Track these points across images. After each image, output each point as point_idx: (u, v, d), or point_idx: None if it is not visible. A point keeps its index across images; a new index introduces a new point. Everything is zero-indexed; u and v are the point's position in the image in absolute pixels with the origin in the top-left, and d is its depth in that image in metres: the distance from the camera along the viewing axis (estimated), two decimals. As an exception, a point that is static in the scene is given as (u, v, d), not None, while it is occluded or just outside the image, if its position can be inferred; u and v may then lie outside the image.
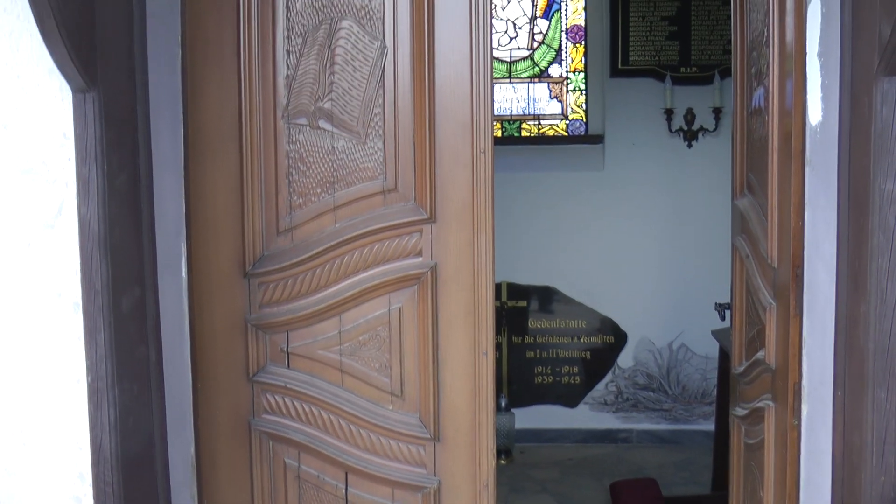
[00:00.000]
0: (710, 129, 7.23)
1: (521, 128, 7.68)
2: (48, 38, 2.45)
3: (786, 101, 3.14)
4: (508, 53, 7.67)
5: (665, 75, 7.26)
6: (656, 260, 7.43)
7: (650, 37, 7.36)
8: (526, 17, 7.68)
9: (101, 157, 2.65)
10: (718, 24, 7.25)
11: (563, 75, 7.67)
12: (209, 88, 3.20)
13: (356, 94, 3.16)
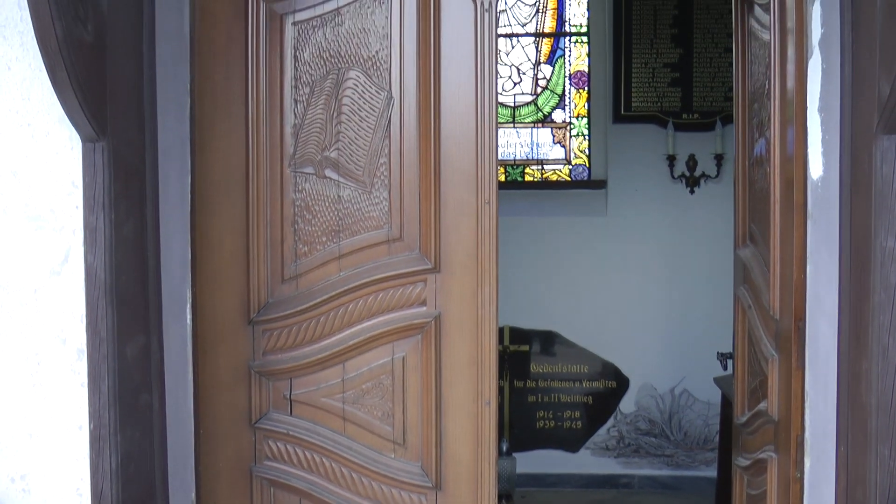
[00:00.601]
0: (711, 176, 7.26)
1: (525, 172, 7.72)
2: (60, 89, 2.49)
3: (787, 155, 3.17)
4: (512, 98, 7.73)
5: (667, 121, 7.31)
6: (658, 305, 7.43)
7: (653, 83, 7.42)
8: (530, 63, 7.75)
9: (109, 206, 2.67)
10: (720, 72, 7.31)
11: (567, 120, 7.72)
12: (217, 137, 3.24)
13: (362, 143, 3.19)
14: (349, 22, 3.20)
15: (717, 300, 6.47)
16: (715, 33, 7.35)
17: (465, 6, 3.14)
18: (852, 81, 2.67)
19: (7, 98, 2.76)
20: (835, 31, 2.80)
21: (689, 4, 7.37)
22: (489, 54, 3.13)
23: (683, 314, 7.36)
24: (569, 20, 7.74)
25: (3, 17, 2.75)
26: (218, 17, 3.24)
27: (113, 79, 2.65)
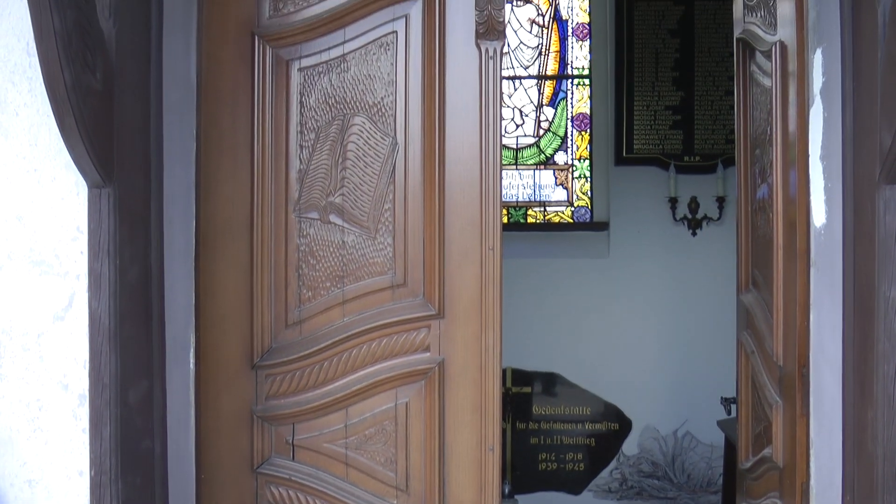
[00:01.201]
0: (713, 218, 7.28)
1: (527, 214, 7.73)
2: (67, 136, 2.50)
3: (790, 201, 3.18)
4: (515, 140, 7.76)
5: (669, 164, 7.34)
6: (661, 347, 7.42)
7: (654, 125, 7.46)
8: (532, 105, 7.80)
9: (114, 252, 2.68)
10: (721, 114, 7.35)
11: (569, 162, 7.75)
12: (222, 181, 3.25)
13: (367, 189, 3.21)
14: (355, 68, 3.23)
15: (720, 342, 6.46)
16: (716, 76, 7.40)
17: (470, 53, 3.17)
18: (854, 130, 2.68)
19: (14, 143, 2.78)
20: (836, 80, 2.81)
21: (691, 48, 7.42)
22: (493, 101, 3.16)
23: (686, 356, 7.34)
24: (571, 63, 7.80)
25: (13, 64, 2.77)
26: (224, 62, 3.27)
27: (120, 125, 2.67)
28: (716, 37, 7.38)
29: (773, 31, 3.46)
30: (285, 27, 3.25)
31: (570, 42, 7.82)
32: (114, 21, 2.65)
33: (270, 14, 3.27)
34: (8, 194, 2.79)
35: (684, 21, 7.49)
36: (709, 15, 7.46)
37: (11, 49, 2.77)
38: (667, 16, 7.51)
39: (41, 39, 2.36)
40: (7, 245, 2.79)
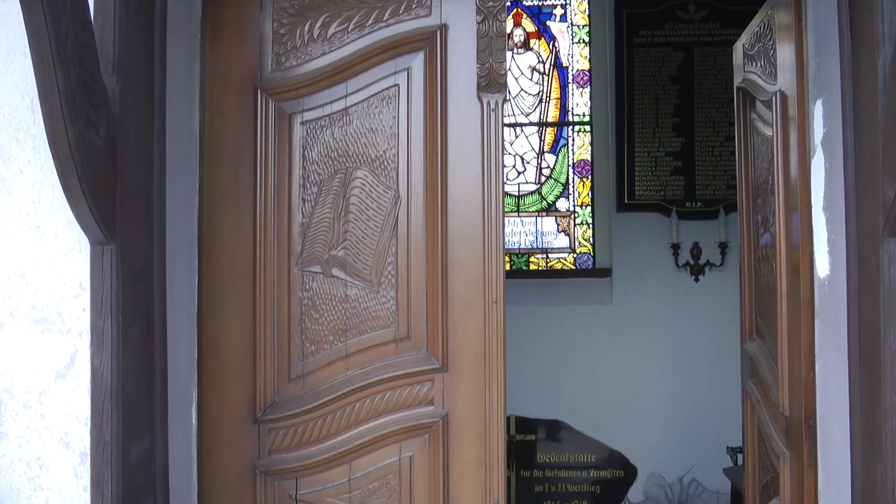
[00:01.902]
0: (716, 264, 7.28)
1: (529, 261, 7.73)
2: (70, 194, 2.50)
3: (793, 252, 3.18)
4: (517, 188, 7.78)
5: (671, 210, 7.35)
6: (665, 394, 7.38)
7: (655, 171, 7.48)
8: (534, 152, 7.83)
9: (117, 309, 2.67)
10: (722, 160, 7.37)
11: (571, 209, 7.77)
12: (225, 235, 3.25)
13: (370, 242, 3.20)
14: (357, 121, 3.24)
15: (724, 388, 6.43)
16: (716, 122, 7.43)
17: (471, 106, 3.18)
18: (856, 182, 2.68)
19: (18, 201, 2.77)
20: (837, 131, 2.82)
21: (691, 94, 7.47)
22: (496, 154, 3.17)
23: (690, 402, 7.30)
24: (572, 109, 7.84)
25: (17, 121, 2.78)
26: (227, 116, 3.28)
27: (123, 182, 2.67)
28: (715, 83, 7.42)
29: (773, 81, 3.47)
30: (288, 80, 3.27)
31: (570, 89, 7.87)
32: (117, 77, 2.66)
33: (273, 67, 3.29)
34: (11, 251, 2.78)
35: (684, 67, 7.54)
36: (708, 61, 7.51)
37: (16, 106, 2.78)
38: (667, 62, 7.56)
39: (45, 97, 2.36)
40: (9, 302, 2.77)
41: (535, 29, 7.95)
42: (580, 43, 7.87)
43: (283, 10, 3.29)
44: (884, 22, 2.40)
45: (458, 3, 3.22)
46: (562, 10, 7.98)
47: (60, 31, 2.30)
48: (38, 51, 2.30)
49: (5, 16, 2.79)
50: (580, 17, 7.93)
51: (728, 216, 7.13)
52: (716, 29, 7.58)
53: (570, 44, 7.93)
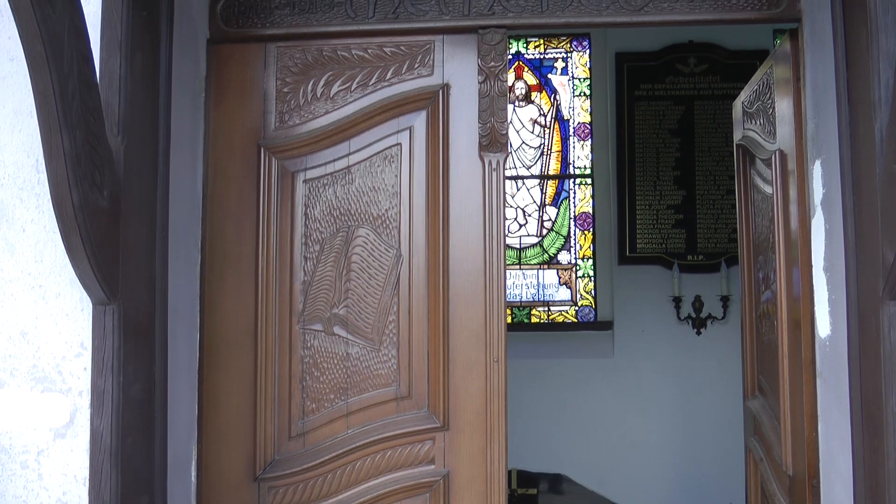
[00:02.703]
0: (718, 317, 7.26)
1: (531, 314, 7.72)
2: (73, 255, 2.50)
3: (794, 312, 3.18)
4: (518, 240, 7.79)
5: (672, 263, 7.35)
6: (668, 448, 7.32)
7: (657, 225, 7.48)
8: (535, 205, 7.85)
9: (118, 369, 2.67)
10: (723, 213, 7.38)
11: (572, 262, 7.77)
12: (227, 293, 3.26)
13: (371, 301, 3.21)
14: (359, 180, 3.26)
15: (727, 443, 6.40)
16: (717, 175, 7.45)
17: (473, 165, 3.20)
18: (856, 244, 2.69)
19: (21, 260, 2.78)
20: (836, 192, 2.83)
21: (691, 147, 7.50)
22: (497, 213, 3.18)
23: (693, 457, 7.24)
24: (573, 162, 7.87)
25: (22, 180, 2.79)
26: (231, 174, 3.30)
27: (126, 242, 2.68)
28: (716, 136, 7.46)
29: (772, 140, 3.50)
30: (291, 139, 3.30)
31: (571, 142, 7.91)
32: (122, 138, 2.68)
33: (276, 126, 3.32)
34: (12, 311, 2.78)
35: (684, 120, 7.57)
36: (708, 115, 7.55)
37: (21, 166, 2.79)
38: (667, 115, 7.60)
39: (50, 160, 2.38)
40: (10, 362, 2.77)
41: (537, 82, 8.00)
42: (581, 96, 7.92)
43: (286, 68, 3.33)
44: (880, 86, 2.42)
45: (459, 63, 3.26)
46: (563, 64, 8.04)
47: (67, 93, 2.33)
48: (45, 114, 2.32)
49: (12, 76, 2.81)
50: (581, 71, 7.99)
51: (730, 269, 7.13)
52: (716, 82, 7.62)
53: (571, 97, 7.98)
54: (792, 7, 3.18)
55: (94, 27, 2.71)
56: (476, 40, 3.24)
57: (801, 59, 3.20)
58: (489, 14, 3.23)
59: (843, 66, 2.79)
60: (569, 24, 3.27)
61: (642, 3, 3.21)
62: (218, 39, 3.36)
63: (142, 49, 2.82)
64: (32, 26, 2.21)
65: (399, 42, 3.29)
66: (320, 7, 3.32)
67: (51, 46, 2.25)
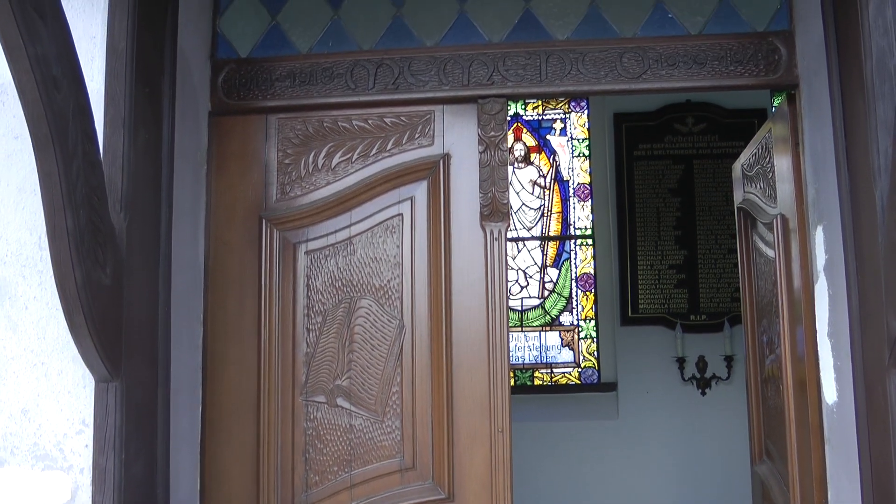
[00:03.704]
0: (723, 378, 7.23)
1: (534, 376, 7.69)
2: (76, 333, 2.50)
3: (800, 377, 3.16)
4: (520, 302, 7.78)
5: (675, 323, 7.33)
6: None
7: (659, 285, 7.48)
8: (536, 266, 7.85)
9: (120, 446, 2.64)
10: (725, 273, 7.37)
11: (575, 323, 7.75)
12: (229, 365, 3.25)
13: (374, 372, 3.19)
14: (361, 251, 3.26)
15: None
16: (718, 234, 7.46)
17: (475, 235, 3.21)
18: (860, 311, 2.68)
19: (23, 337, 2.77)
20: (839, 258, 2.83)
21: (691, 206, 7.52)
22: (500, 282, 3.18)
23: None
24: (574, 223, 7.89)
25: (24, 257, 2.79)
26: (232, 245, 3.31)
27: (129, 318, 2.67)
28: (716, 195, 7.48)
29: (773, 204, 3.50)
30: (292, 210, 3.31)
31: (572, 202, 7.94)
32: (125, 215, 2.69)
33: (278, 197, 3.33)
34: (14, 388, 2.76)
35: (684, 180, 7.60)
36: (708, 174, 7.58)
37: (24, 243, 2.80)
38: (666, 175, 7.63)
39: (54, 239, 2.38)
40: (10, 440, 2.75)
41: (536, 143, 8.06)
42: (580, 156, 7.97)
43: (287, 139, 3.35)
44: (879, 154, 2.43)
45: (460, 133, 3.28)
46: (561, 125, 8.09)
47: (71, 173, 2.34)
48: (49, 194, 2.33)
49: (17, 153, 2.83)
50: (580, 131, 8.04)
51: (733, 329, 7.10)
52: (714, 141, 7.66)
53: (570, 157, 8.02)
54: (789, 73, 3.21)
55: (98, 104, 2.73)
56: (476, 110, 3.26)
57: (799, 123, 3.23)
58: (488, 84, 3.26)
59: (842, 132, 2.80)
60: (568, 93, 3.30)
61: (640, 71, 3.24)
62: (219, 111, 3.39)
63: (145, 125, 2.84)
64: (38, 108, 2.23)
65: (399, 112, 3.32)
66: (321, 79, 3.34)
67: (56, 127, 2.27)
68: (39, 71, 2.22)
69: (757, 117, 7.47)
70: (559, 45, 3.28)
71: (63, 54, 2.32)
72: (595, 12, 3.33)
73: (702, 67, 3.23)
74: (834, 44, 2.89)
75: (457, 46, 3.31)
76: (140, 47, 2.82)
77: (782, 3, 3.27)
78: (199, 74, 3.31)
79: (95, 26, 2.87)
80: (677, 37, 3.27)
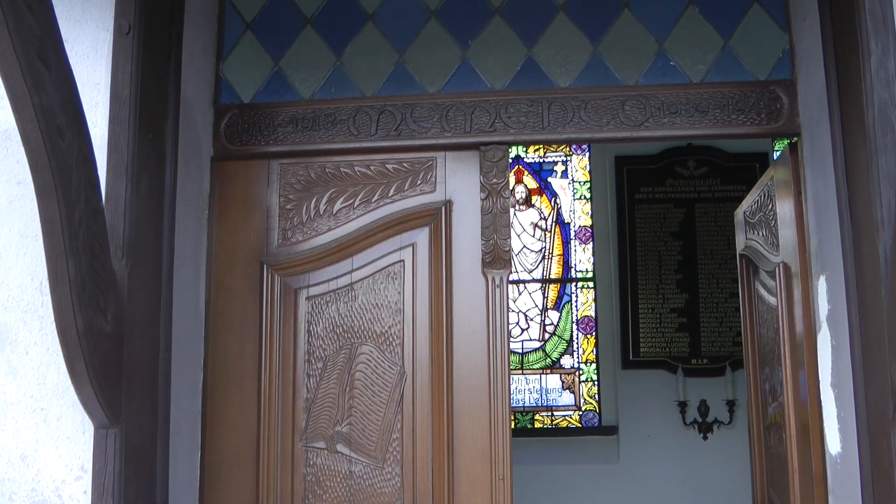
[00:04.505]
0: (724, 422, 7.19)
1: (534, 419, 7.65)
2: (76, 380, 2.49)
3: (803, 427, 3.14)
4: (521, 345, 7.76)
5: (677, 367, 7.31)
6: (676, 557, 7.19)
7: (660, 328, 7.46)
8: (537, 309, 7.84)
9: (118, 493, 2.63)
10: (727, 316, 7.36)
11: (575, 366, 7.73)
12: (229, 410, 3.23)
13: (375, 418, 3.17)
14: (362, 297, 3.26)
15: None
16: (720, 278, 7.46)
17: (476, 282, 3.20)
18: (863, 363, 2.67)
19: (23, 382, 2.76)
20: (842, 309, 2.82)
21: (693, 249, 7.52)
22: (501, 329, 3.17)
23: (701, 565, 7.11)
24: (575, 266, 7.89)
25: (25, 303, 2.79)
26: (233, 291, 3.30)
27: (129, 364, 2.66)
28: (717, 238, 7.49)
29: (775, 252, 3.50)
30: (294, 256, 3.31)
31: (573, 245, 7.94)
32: (126, 261, 2.69)
33: (279, 242, 3.33)
34: (13, 433, 2.75)
35: (685, 223, 7.62)
36: (709, 217, 7.59)
37: (25, 288, 2.79)
38: (668, 218, 7.64)
39: (55, 286, 2.38)
40: (8, 486, 2.73)
41: (537, 186, 8.08)
42: (581, 199, 7.99)
43: (289, 185, 3.36)
44: (882, 206, 2.43)
45: (462, 179, 3.29)
46: (563, 167, 8.12)
47: (74, 220, 2.34)
48: (51, 241, 2.33)
49: (20, 199, 2.83)
50: (581, 174, 8.07)
51: (735, 373, 7.08)
52: (716, 185, 7.69)
53: (571, 200, 8.04)
54: (791, 122, 3.22)
55: (101, 150, 2.75)
56: (478, 157, 3.27)
57: (801, 172, 3.23)
58: (490, 131, 3.27)
59: (844, 182, 2.80)
60: (570, 140, 3.31)
61: (642, 119, 3.25)
62: (222, 156, 3.39)
63: (147, 171, 2.85)
64: (42, 157, 2.24)
65: (401, 159, 3.33)
66: (323, 124, 3.36)
67: (59, 176, 2.28)
68: (44, 120, 2.23)
69: (759, 161, 7.50)
70: (561, 92, 3.29)
71: (67, 103, 2.33)
72: (597, 60, 3.35)
73: (704, 115, 3.24)
74: (836, 94, 2.90)
75: (459, 93, 3.33)
76: (143, 93, 2.84)
77: (784, 51, 3.29)
78: (201, 119, 3.33)
79: (99, 73, 2.89)
80: (679, 85, 3.28)
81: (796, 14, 3.25)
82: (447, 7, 3.44)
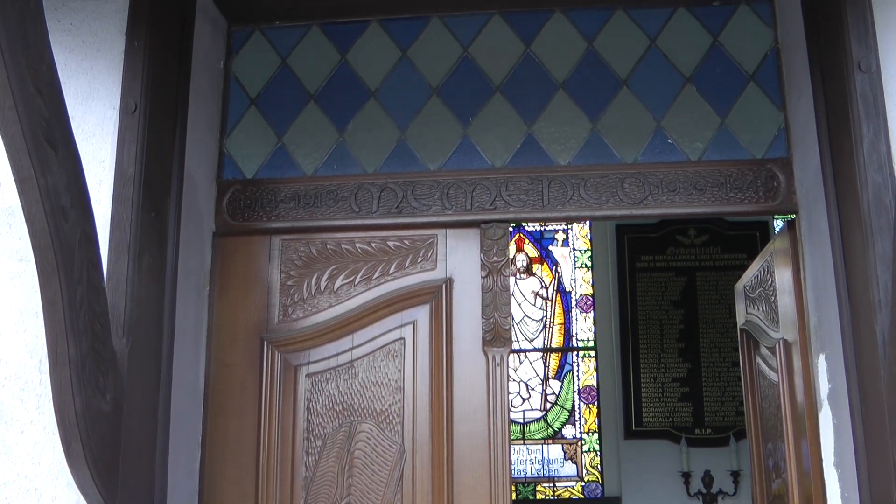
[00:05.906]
0: (729, 493, 7.13)
1: (536, 490, 7.57)
2: (72, 461, 2.47)
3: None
4: (522, 415, 7.72)
5: (680, 437, 7.26)
6: None
7: (663, 398, 7.43)
8: (538, 378, 7.81)
9: (114, 576, 2.59)
10: (730, 386, 7.33)
11: (577, 436, 7.67)
12: (226, 489, 3.20)
13: (374, 497, 3.14)
14: (363, 374, 3.25)
15: None
16: (722, 347, 7.45)
17: (477, 360, 3.20)
18: (865, 444, 2.65)
19: (17, 462, 2.74)
20: (842, 388, 2.81)
21: (694, 318, 7.52)
22: (502, 407, 3.15)
23: None
24: (576, 335, 7.87)
25: (23, 381, 2.78)
26: (233, 367, 3.29)
27: (126, 444, 2.64)
28: (719, 307, 7.49)
29: (775, 328, 3.50)
30: (294, 333, 3.30)
31: (574, 314, 7.94)
32: (127, 339, 2.69)
33: (280, 319, 3.33)
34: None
35: (687, 292, 7.63)
36: (710, 286, 7.60)
37: (23, 366, 2.79)
38: (669, 287, 7.65)
39: (55, 366, 2.38)
40: (1, 573, 2.70)
41: (538, 254, 8.10)
42: (582, 268, 8.01)
43: (290, 261, 3.37)
44: (879, 289, 2.44)
45: (462, 257, 3.29)
46: (563, 236, 8.16)
47: (75, 301, 2.35)
48: (52, 321, 2.34)
49: (21, 276, 2.84)
50: (582, 242, 8.10)
51: (739, 443, 7.03)
52: (717, 253, 7.71)
53: (572, 268, 8.06)
54: (788, 200, 3.24)
55: (104, 228, 2.76)
56: (479, 235, 3.28)
57: (799, 249, 3.24)
58: (491, 209, 3.29)
59: (842, 263, 2.81)
60: (570, 218, 3.33)
61: (641, 197, 3.27)
62: (223, 232, 3.41)
63: (149, 248, 2.87)
64: (45, 238, 2.25)
65: (403, 236, 3.34)
66: (325, 201, 3.37)
67: (62, 256, 2.29)
68: (49, 201, 2.25)
69: (758, 229, 7.54)
70: (560, 170, 3.32)
71: (72, 184, 2.36)
72: (596, 137, 3.38)
73: (702, 193, 3.26)
74: (830, 174, 2.91)
75: (460, 170, 3.35)
76: (148, 172, 2.87)
77: (780, 129, 3.32)
78: (204, 195, 3.35)
79: (105, 150, 2.92)
80: (677, 163, 3.30)
81: (791, 92, 3.29)
82: (449, 84, 3.48)
